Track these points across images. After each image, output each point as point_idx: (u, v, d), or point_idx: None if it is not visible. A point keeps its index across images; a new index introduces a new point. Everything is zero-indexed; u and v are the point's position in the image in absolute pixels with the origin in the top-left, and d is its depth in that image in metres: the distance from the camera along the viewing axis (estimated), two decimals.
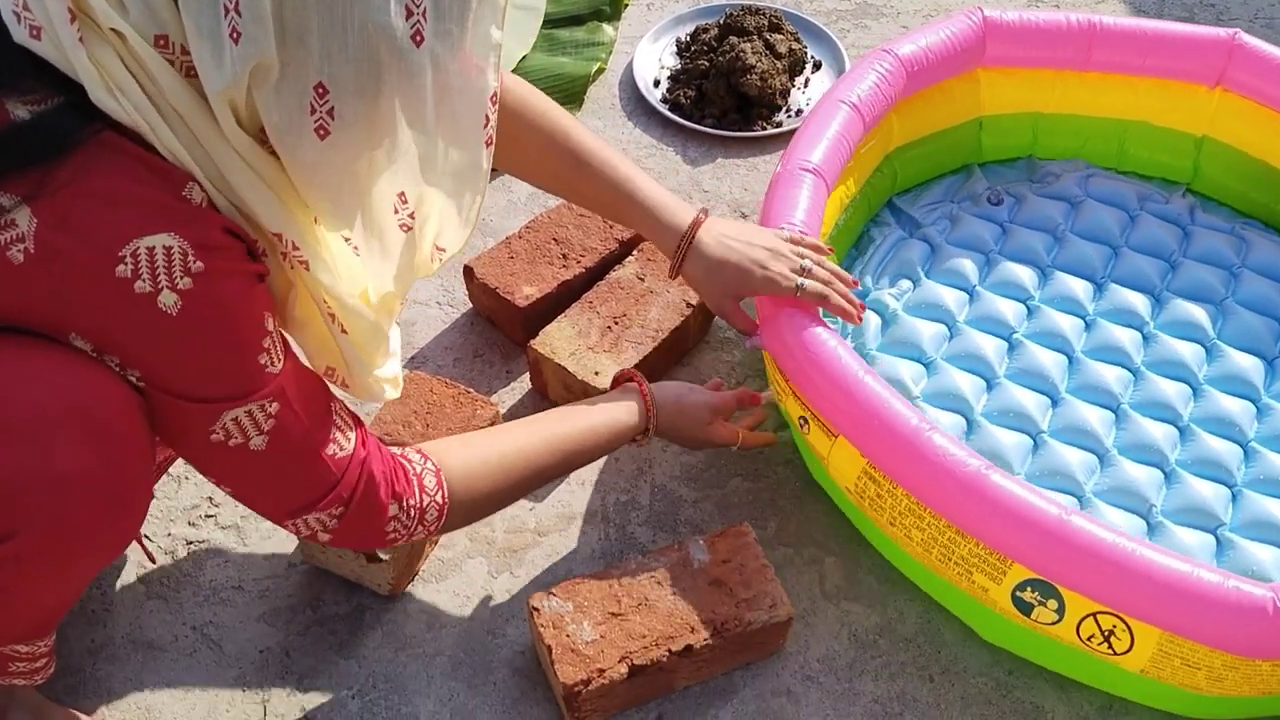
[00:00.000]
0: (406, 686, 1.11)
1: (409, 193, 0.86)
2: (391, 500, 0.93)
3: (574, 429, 1.08)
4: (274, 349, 0.82)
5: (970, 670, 1.12)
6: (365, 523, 0.92)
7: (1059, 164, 1.57)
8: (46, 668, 0.95)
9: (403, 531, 0.95)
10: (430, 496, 0.96)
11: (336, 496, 0.88)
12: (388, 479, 0.92)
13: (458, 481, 0.98)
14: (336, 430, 0.88)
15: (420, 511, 0.95)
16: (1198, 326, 1.37)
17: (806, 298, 1.13)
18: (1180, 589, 0.96)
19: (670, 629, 1.06)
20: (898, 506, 1.09)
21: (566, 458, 1.07)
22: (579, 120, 1.64)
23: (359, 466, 0.90)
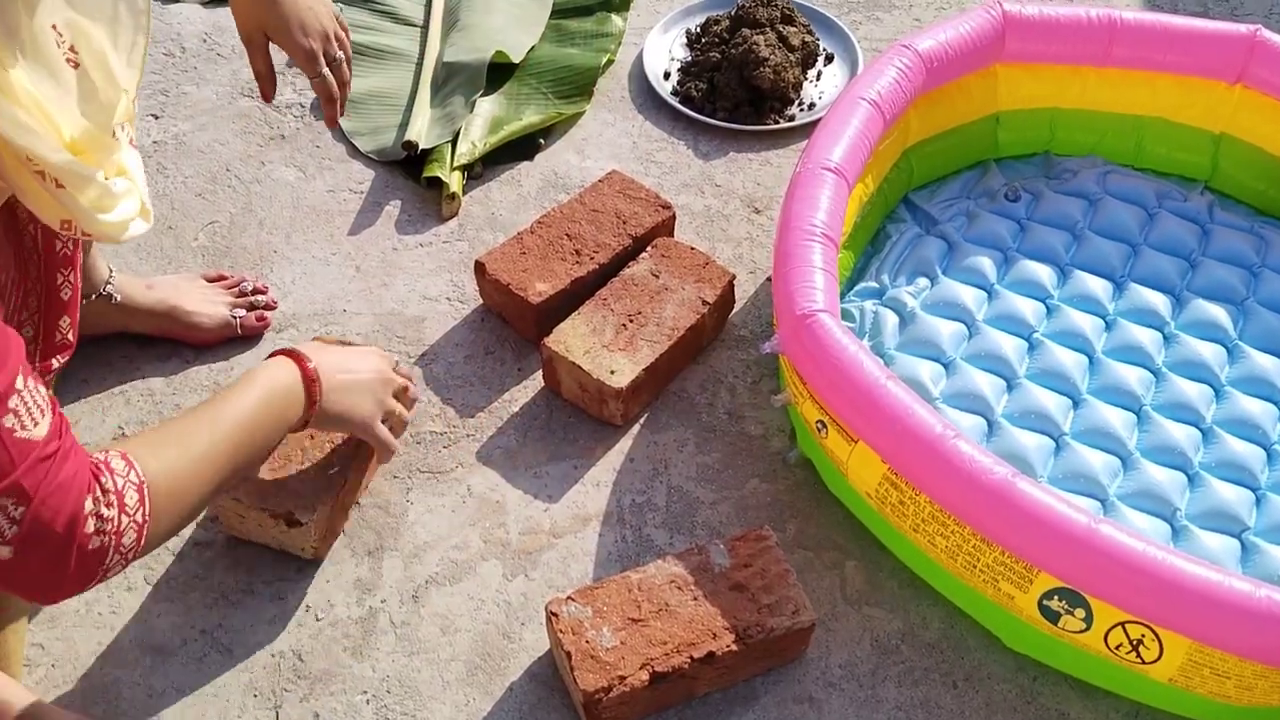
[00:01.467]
0: (421, 692, 1.09)
1: (60, 23, 0.78)
2: (86, 495, 0.79)
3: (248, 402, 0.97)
4: None
5: (994, 677, 1.11)
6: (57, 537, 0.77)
7: (1076, 160, 1.55)
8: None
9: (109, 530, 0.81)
10: (124, 476, 0.83)
11: (13, 485, 0.74)
12: (80, 478, 0.79)
13: (147, 458, 0.86)
14: (20, 402, 0.75)
15: (119, 496, 0.82)
16: (1219, 327, 1.36)
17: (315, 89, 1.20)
18: (1212, 599, 0.95)
19: (692, 635, 1.04)
20: (921, 513, 1.08)
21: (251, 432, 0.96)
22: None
23: (49, 459, 0.76)
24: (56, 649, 1.11)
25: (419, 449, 1.27)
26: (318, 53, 1.18)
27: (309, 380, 1.02)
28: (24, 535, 0.76)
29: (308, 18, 1.16)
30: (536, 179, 1.58)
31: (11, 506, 0.75)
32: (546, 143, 1.63)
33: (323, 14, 1.19)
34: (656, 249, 1.38)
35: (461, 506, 1.22)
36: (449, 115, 1.59)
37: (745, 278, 1.46)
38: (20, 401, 0.75)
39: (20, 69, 0.75)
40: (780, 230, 1.23)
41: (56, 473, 0.77)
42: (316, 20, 1.17)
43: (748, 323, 1.41)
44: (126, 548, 0.83)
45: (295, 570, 1.17)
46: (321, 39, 1.18)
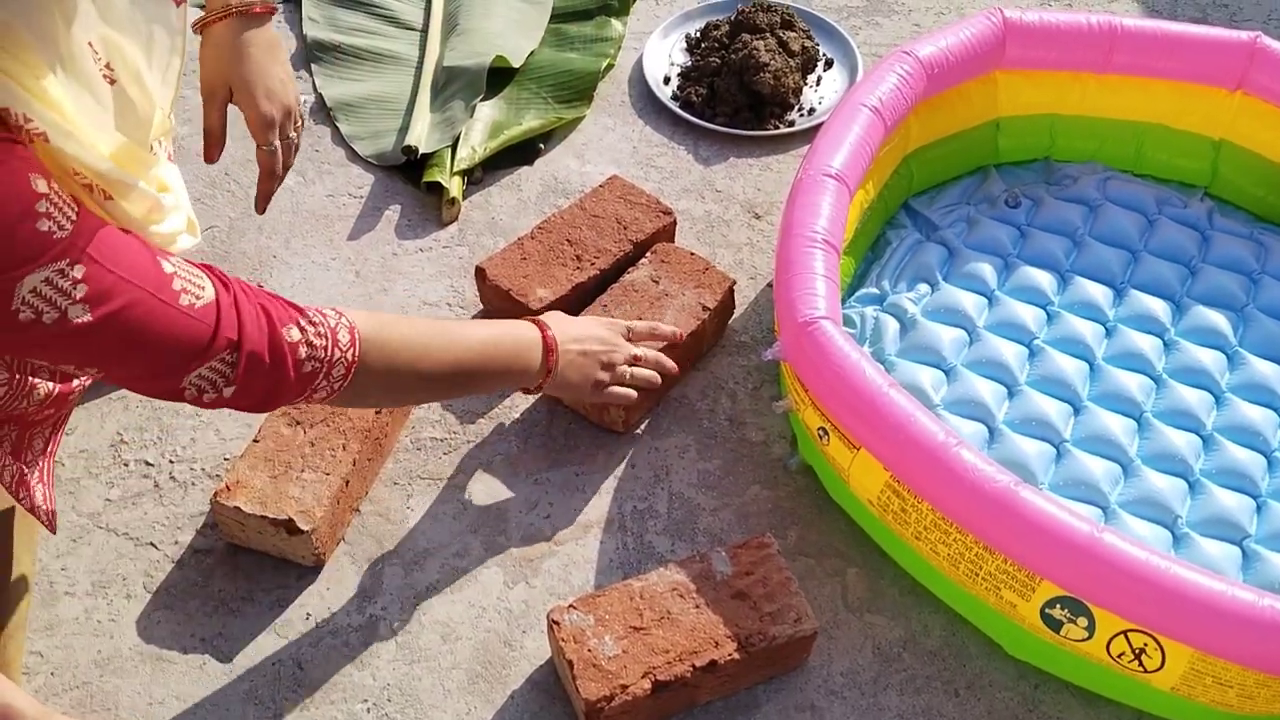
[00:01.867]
0: (422, 700, 1.09)
1: (95, 40, 0.79)
2: (288, 324, 0.88)
3: (482, 331, 1.07)
4: (56, 212, 0.74)
5: (996, 685, 1.11)
6: (269, 361, 0.86)
7: (1076, 166, 1.55)
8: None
9: (320, 358, 0.89)
10: (337, 319, 0.92)
11: (223, 341, 0.83)
12: (268, 309, 0.87)
13: (363, 319, 0.95)
14: (180, 280, 0.81)
15: (331, 332, 0.91)
16: (1219, 333, 1.36)
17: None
18: (1215, 608, 0.95)
19: (694, 644, 1.04)
20: (923, 521, 1.08)
21: (479, 362, 1.04)
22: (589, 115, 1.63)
23: (231, 307, 0.84)
24: (56, 656, 1.10)
25: (419, 455, 1.27)
26: (276, 121, 1.11)
27: (547, 349, 1.10)
28: (241, 373, 0.85)
29: (275, 85, 1.11)
30: (536, 184, 1.58)
31: (227, 356, 0.84)
32: (546, 147, 1.63)
33: (290, 89, 1.13)
34: (656, 255, 1.38)
35: (463, 513, 1.22)
36: (449, 120, 1.59)
37: (746, 283, 1.46)
38: (179, 279, 0.81)
39: (58, 81, 0.76)
40: (782, 237, 1.23)
41: (244, 314, 0.85)
42: (284, 90, 1.12)
43: (748, 328, 1.41)
44: (335, 379, 0.92)
45: (295, 578, 1.16)
46: (283, 111, 1.12)
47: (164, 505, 1.22)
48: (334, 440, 1.18)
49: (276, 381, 0.88)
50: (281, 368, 0.87)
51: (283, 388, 0.89)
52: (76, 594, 1.15)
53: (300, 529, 1.12)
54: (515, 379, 1.10)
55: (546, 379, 1.11)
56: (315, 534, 1.12)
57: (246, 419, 1.28)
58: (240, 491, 1.13)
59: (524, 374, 1.09)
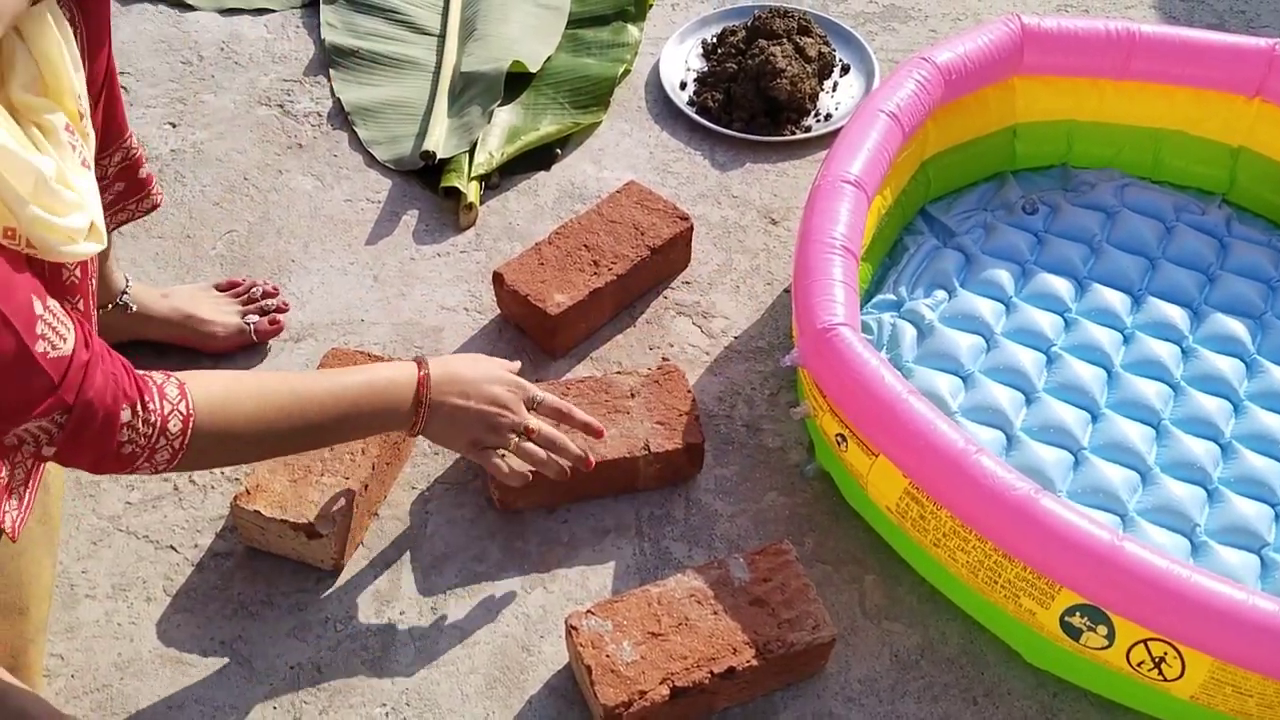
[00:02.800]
0: (440, 704, 1.09)
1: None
2: (124, 404, 0.86)
3: (347, 380, 1.01)
4: None
5: (1014, 693, 1.11)
6: (94, 432, 0.85)
7: (1093, 173, 1.55)
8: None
9: (141, 444, 0.88)
10: (173, 405, 0.89)
11: (57, 400, 0.81)
12: (117, 382, 0.86)
13: (203, 400, 0.92)
14: (45, 326, 0.80)
15: (162, 420, 0.88)
16: (1237, 341, 1.36)
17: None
18: (1236, 617, 0.95)
19: (712, 650, 1.04)
20: (942, 528, 1.08)
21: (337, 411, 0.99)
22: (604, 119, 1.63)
23: (81, 367, 0.82)
24: (76, 660, 1.11)
25: (437, 460, 1.27)
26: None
27: (418, 396, 1.04)
28: (67, 435, 0.83)
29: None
30: (553, 189, 1.59)
31: (58, 416, 0.82)
32: (563, 153, 1.63)
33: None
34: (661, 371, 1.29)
35: (480, 518, 1.22)
36: (466, 125, 1.60)
37: (762, 289, 1.46)
38: (45, 325, 0.80)
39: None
40: (800, 243, 1.23)
41: (92, 378, 0.83)
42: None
43: (765, 334, 1.41)
44: (158, 463, 0.91)
45: (314, 582, 1.17)
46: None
47: (184, 509, 1.22)
48: (353, 445, 1.18)
49: (98, 454, 0.87)
50: (105, 445, 0.86)
51: (102, 460, 0.88)
52: (97, 597, 1.15)
53: (320, 533, 1.12)
54: (380, 426, 1.05)
55: (416, 426, 1.05)
56: (334, 538, 1.13)
57: None
58: (260, 495, 1.14)
59: (391, 419, 1.04)
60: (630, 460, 1.20)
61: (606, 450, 1.20)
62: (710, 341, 1.40)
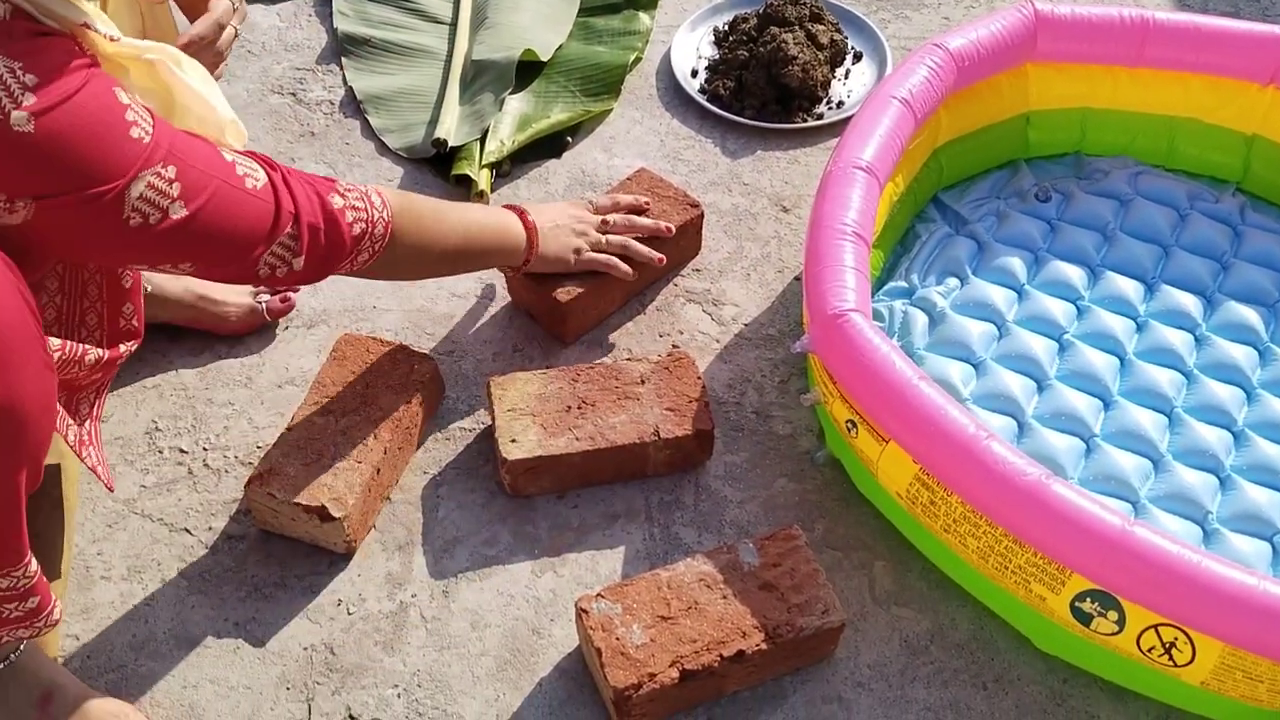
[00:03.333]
0: (451, 686, 1.10)
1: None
2: (332, 194, 1.00)
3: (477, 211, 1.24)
4: (140, 119, 0.85)
5: (1024, 679, 1.11)
6: (324, 228, 0.99)
7: (1107, 160, 1.55)
8: (48, 615, 0.95)
9: (363, 220, 1.03)
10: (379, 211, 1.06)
11: (285, 217, 0.95)
12: (312, 181, 0.99)
13: (399, 210, 1.08)
14: (241, 166, 0.93)
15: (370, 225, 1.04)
16: (1251, 329, 1.35)
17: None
18: (1247, 602, 0.95)
19: (721, 634, 1.05)
20: (952, 514, 1.08)
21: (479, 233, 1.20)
22: None
23: (282, 184, 0.96)
24: (92, 640, 1.12)
25: (449, 445, 1.28)
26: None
27: (529, 229, 1.25)
28: (306, 244, 0.98)
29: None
30: (564, 177, 1.59)
31: (291, 229, 0.97)
32: (574, 141, 1.64)
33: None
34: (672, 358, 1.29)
35: (491, 502, 1.23)
36: (478, 113, 1.60)
37: (773, 277, 1.46)
38: (240, 165, 0.93)
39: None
40: (811, 229, 1.23)
41: (295, 189, 0.97)
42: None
43: (775, 321, 1.41)
44: (377, 238, 1.05)
45: (327, 564, 1.17)
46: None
47: (198, 492, 1.23)
48: (365, 429, 1.19)
49: (333, 244, 1.00)
50: (336, 230, 1.00)
51: (337, 250, 1.01)
52: (112, 578, 1.16)
53: (333, 516, 1.13)
54: (506, 256, 1.25)
55: (531, 253, 1.26)
56: (347, 521, 1.13)
57: (280, 408, 1.29)
58: (273, 479, 1.14)
59: (513, 251, 1.24)
60: (640, 446, 1.21)
61: (617, 436, 1.20)
62: (720, 329, 1.40)
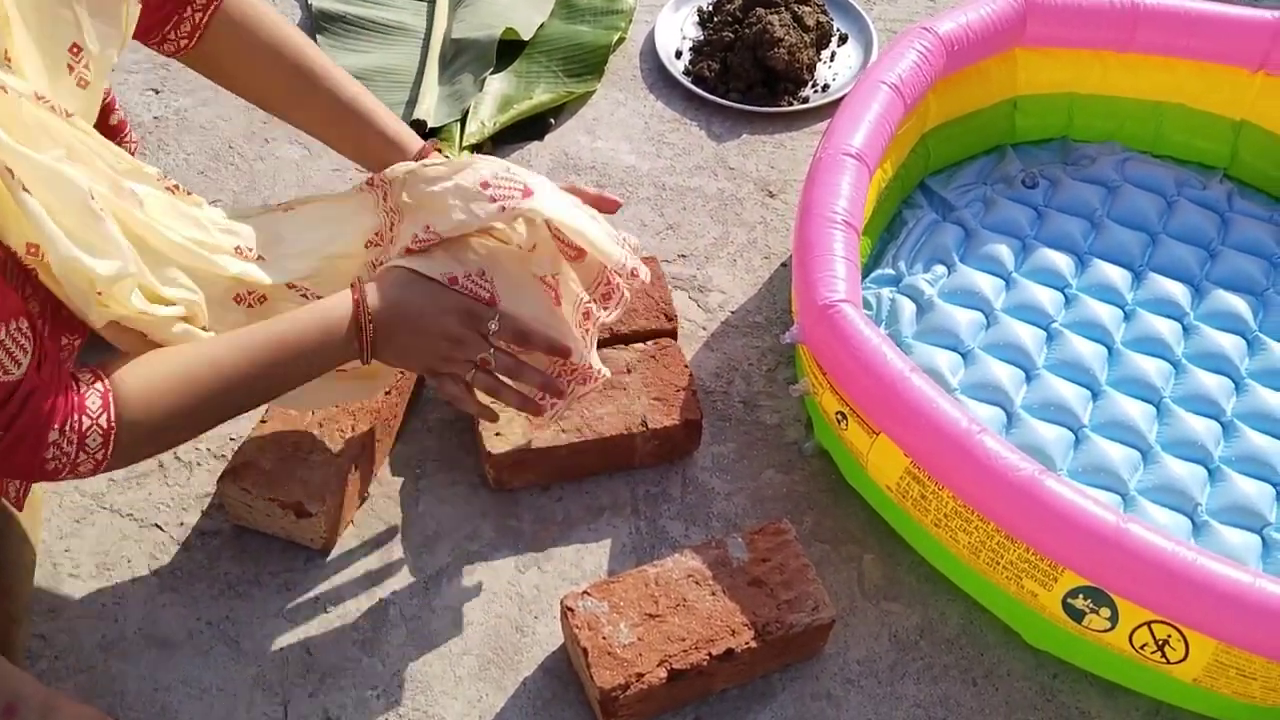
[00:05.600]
0: (433, 687, 1.07)
1: None
2: (54, 426, 0.83)
3: (274, 330, 0.93)
4: None
5: (1014, 674, 1.09)
6: (22, 452, 0.82)
7: (1094, 146, 1.53)
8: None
9: (64, 461, 0.85)
10: (93, 419, 0.85)
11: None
12: (55, 418, 0.83)
13: (134, 400, 0.87)
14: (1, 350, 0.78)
15: (80, 436, 0.84)
16: (1239, 318, 1.34)
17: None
18: (1241, 600, 0.94)
19: (710, 631, 1.03)
20: (943, 508, 1.06)
21: (269, 365, 0.92)
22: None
23: (23, 395, 0.80)
24: (60, 641, 1.08)
25: (430, 437, 1.25)
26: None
27: (357, 326, 0.95)
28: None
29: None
30: (547, 159, 1.56)
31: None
32: (556, 122, 1.60)
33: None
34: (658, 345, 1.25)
35: (473, 496, 1.20)
36: (458, 93, 1.56)
37: (760, 263, 1.44)
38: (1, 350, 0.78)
39: None
40: (800, 217, 1.21)
41: (35, 407, 0.81)
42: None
43: (763, 309, 1.39)
44: (82, 473, 0.87)
45: (303, 561, 1.15)
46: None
47: (169, 485, 1.20)
48: (343, 421, 1.16)
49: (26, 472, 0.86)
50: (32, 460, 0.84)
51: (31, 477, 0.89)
52: (81, 576, 1.13)
53: (309, 511, 1.10)
54: (323, 363, 0.96)
55: (364, 353, 0.97)
56: (324, 517, 1.10)
57: None
58: (247, 473, 1.11)
59: (332, 352, 0.95)
60: (627, 437, 1.18)
61: (603, 427, 1.18)
62: (707, 316, 1.38)
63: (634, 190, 1.52)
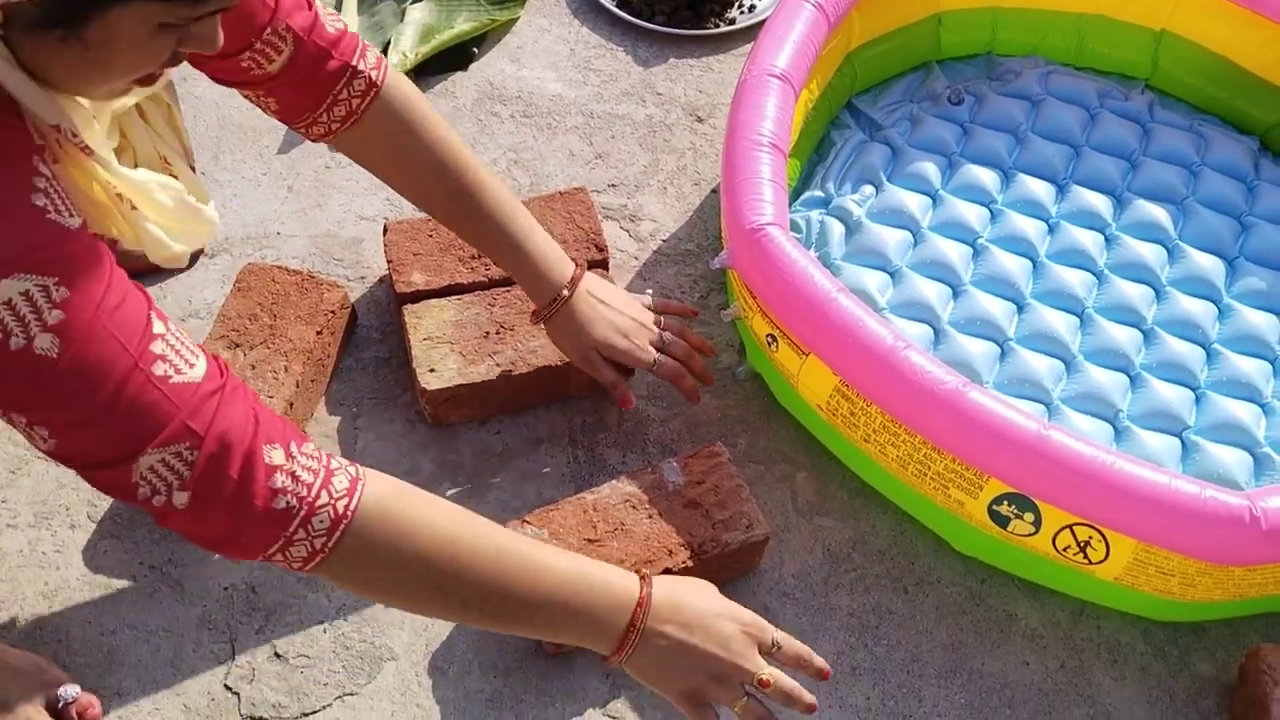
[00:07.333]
0: (379, 619, 1.09)
1: None
2: (271, 444, 0.73)
3: (555, 558, 0.82)
4: (58, 204, 0.68)
5: (944, 581, 1.13)
6: (235, 474, 0.72)
7: (1018, 60, 1.54)
8: None
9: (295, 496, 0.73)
10: (331, 498, 0.75)
11: (180, 428, 0.70)
12: (262, 422, 0.74)
13: (373, 507, 0.77)
14: (164, 345, 0.71)
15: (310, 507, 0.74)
16: (1159, 227, 1.37)
17: (662, 374, 1.13)
18: (1159, 501, 0.97)
19: (647, 553, 1.05)
20: (872, 424, 1.08)
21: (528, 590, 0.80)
22: None
23: (211, 396, 0.72)
24: (2, 590, 1.08)
25: (364, 374, 1.25)
26: (635, 350, 1.12)
27: (631, 621, 0.83)
28: (198, 476, 0.71)
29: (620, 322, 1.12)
30: (472, 90, 1.54)
31: (185, 451, 0.71)
32: (480, 52, 1.58)
33: (630, 310, 1.14)
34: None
35: (412, 432, 1.21)
36: (377, 24, 1.54)
37: (690, 189, 1.44)
38: (163, 343, 0.71)
39: None
40: (727, 140, 1.21)
41: (226, 410, 0.72)
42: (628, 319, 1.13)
43: (694, 236, 1.39)
44: (316, 531, 0.75)
45: None
46: (637, 332, 1.13)
47: None
48: (276, 362, 1.15)
49: (239, 507, 0.72)
50: (247, 491, 0.72)
51: (246, 520, 0.73)
52: (19, 526, 1.13)
53: None
54: (572, 636, 0.84)
55: (619, 655, 0.83)
56: None
57: None
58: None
59: (591, 632, 0.83)
60: (562, 368, 1.19)
61: (537, 359, 1.18)
62: (639, 245, 1.38)
63: (561, 119, 1.51)
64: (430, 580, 0.79)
